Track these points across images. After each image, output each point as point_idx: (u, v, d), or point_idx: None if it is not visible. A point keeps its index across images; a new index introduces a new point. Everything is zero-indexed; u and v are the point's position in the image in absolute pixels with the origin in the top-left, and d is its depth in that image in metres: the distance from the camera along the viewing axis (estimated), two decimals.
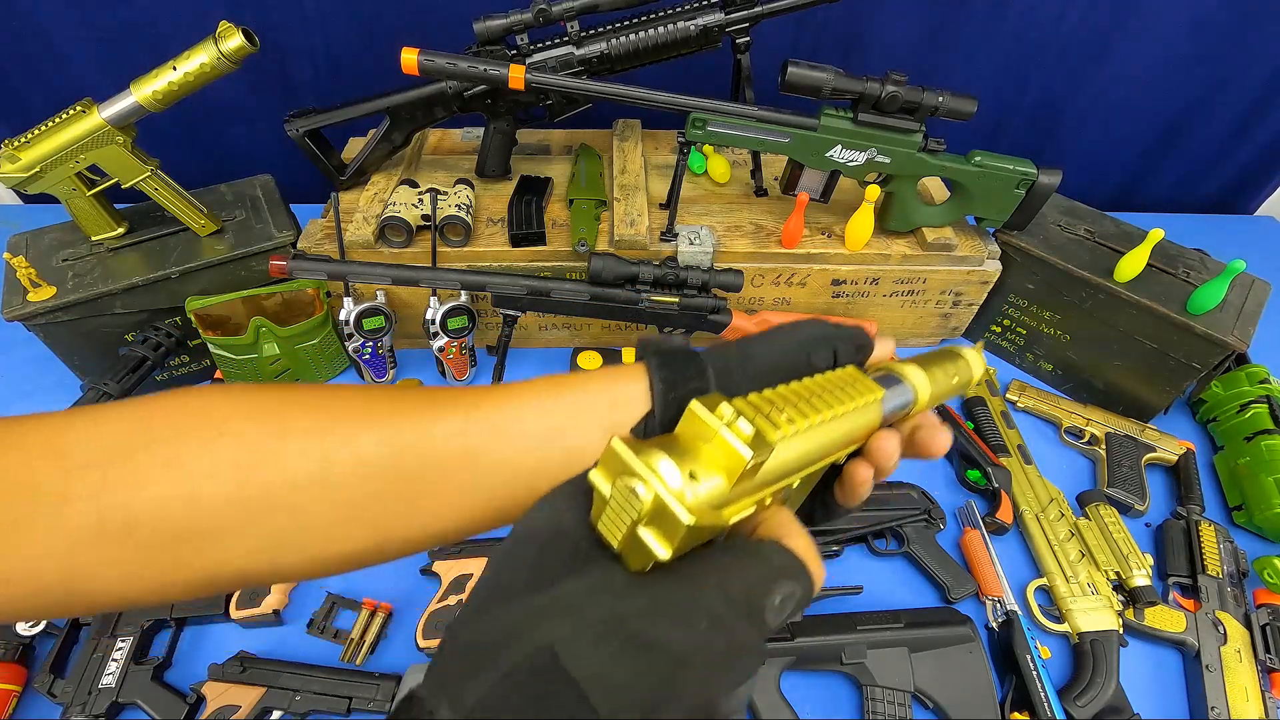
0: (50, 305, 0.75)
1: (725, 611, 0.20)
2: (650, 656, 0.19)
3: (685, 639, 0.19)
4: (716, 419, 0.22)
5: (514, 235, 0.83)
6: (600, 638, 0.19)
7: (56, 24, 0.97)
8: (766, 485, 0.24)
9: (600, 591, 0.20)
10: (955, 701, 0.63)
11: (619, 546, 0.21)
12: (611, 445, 0.21)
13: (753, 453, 0.21)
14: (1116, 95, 1.13)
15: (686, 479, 0.21)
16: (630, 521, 0.20)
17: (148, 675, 0.63)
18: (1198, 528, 0.76)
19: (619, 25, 0.82)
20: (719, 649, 0.20)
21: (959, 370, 0.38)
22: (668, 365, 0.31)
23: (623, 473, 0.20)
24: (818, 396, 0.27)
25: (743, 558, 0.22)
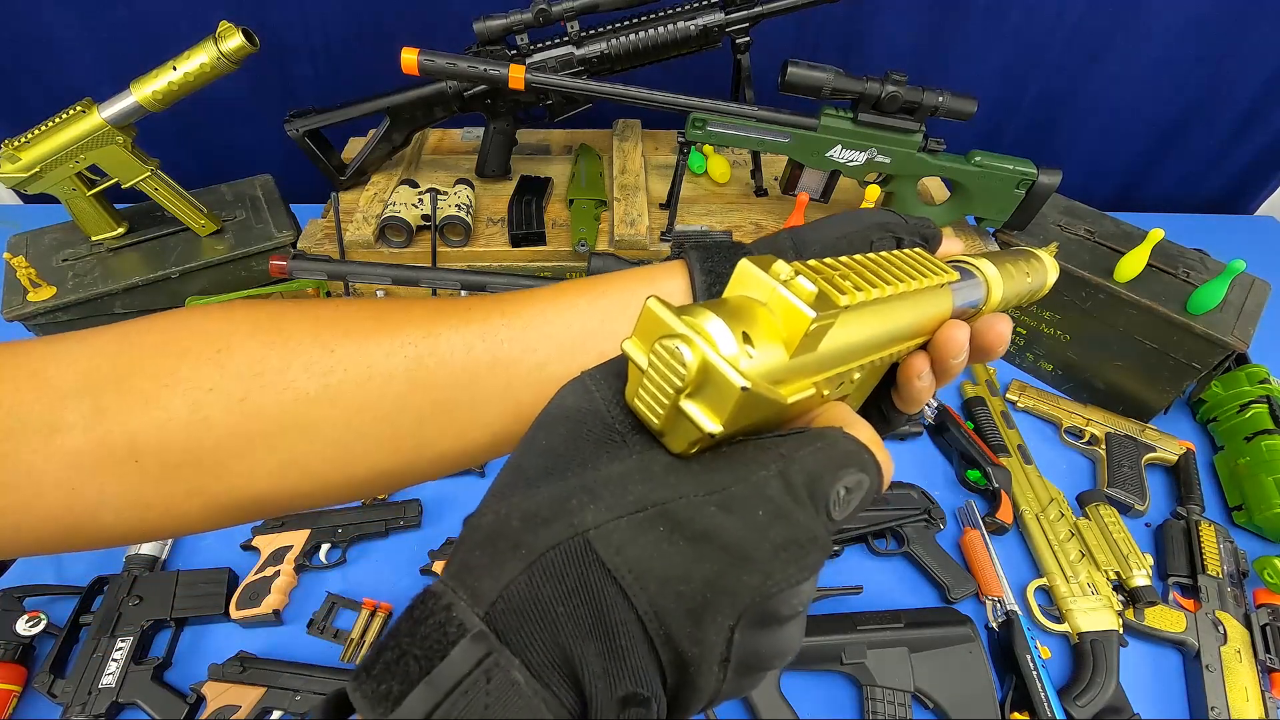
0: (50, 305, 0.75)
1: (786, 499, 0.18)
2: (699, 547, 0.16)
3: (740, 528, 0.17)
4: (772, 276, 0.18)
5: (514, 235, 0.83)
6: (640, 525, 0.17)
7: (56, 24, 0.97)
8: (827, 368, 0.21)
9: (640, 474, 0.18)
10: (955, 701, 0.63)
11: (660, 424, 0.18)
12: (648, 305, 0.18)
13: (816, 312, 0.18)
14: (1116, 95, 1.13)
15: (740, 341, 0.17)
16: (674, 391, 0.17)
17: (148, 675, 0.63)
18: (1198, 528, 0.76)
19: (619, 25, 0.82)
20: (778, 540, 0.17)
21: (1033, 270, 0.34)
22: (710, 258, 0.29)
23: (663, 336, 0.17)
24: (886, 270, 0.23)
25: (805, 442, 0.19)
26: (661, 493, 0.17)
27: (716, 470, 0.18)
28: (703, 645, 0.16)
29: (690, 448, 0.18)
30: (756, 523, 0.17)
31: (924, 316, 0.26)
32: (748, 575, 0.16)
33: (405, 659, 0.15)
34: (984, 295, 0.30)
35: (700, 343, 0.17)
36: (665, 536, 0.17)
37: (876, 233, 0.30)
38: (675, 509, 0.17)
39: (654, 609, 0.16)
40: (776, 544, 0.17)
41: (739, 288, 0.19)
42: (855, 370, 0.23)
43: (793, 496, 0.18)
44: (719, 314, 0.17)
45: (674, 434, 0.18)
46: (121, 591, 0.67)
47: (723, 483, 0.18)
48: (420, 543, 0.75)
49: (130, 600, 0.67)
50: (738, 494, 0.17)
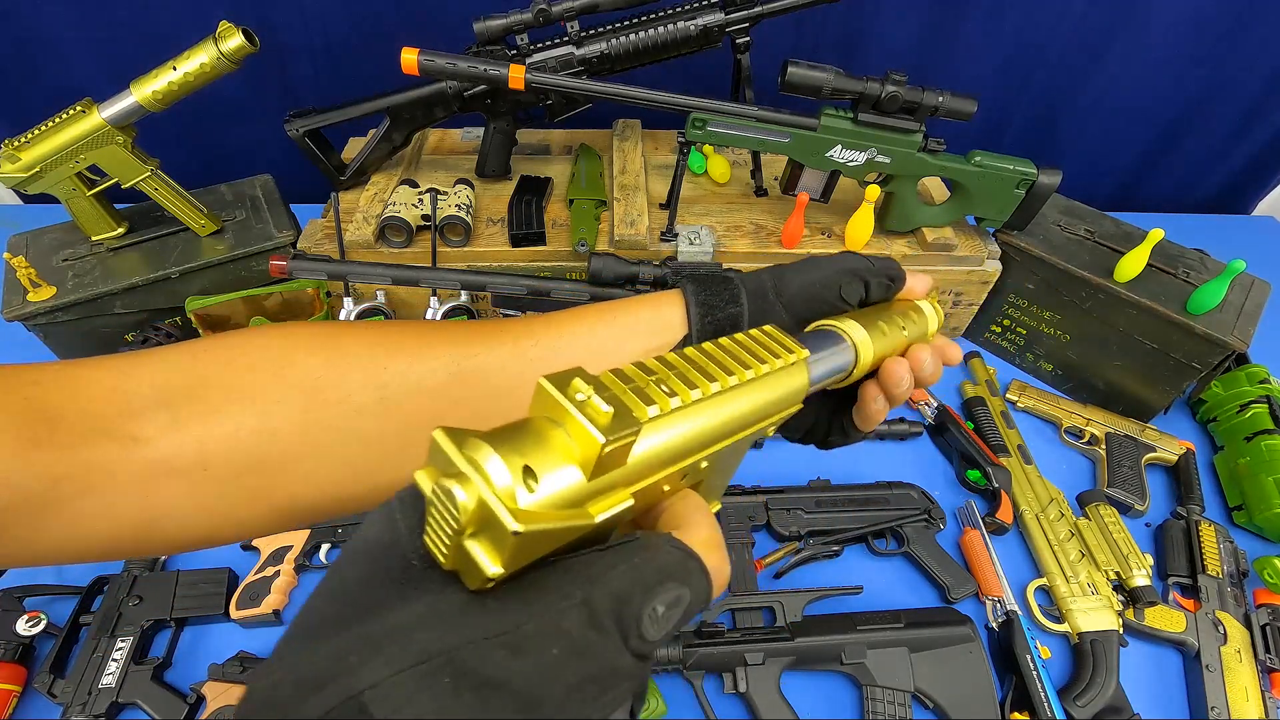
0: (50, 305, 0.75)
1: (585, 631, 0.17)
2: (487, 698, 0.15)
3: (530, 671, 0.16)
4: (566, 398, 0.18)
5: (514, 235, 0.83)
6: (422, 679, 0.15)
7: (56, 24, 0.97)
8: (645, 475, 0.20)
9: (431, 619, 0.17)
10: (955, 701, 0.63)
11: (448, 563, 0.17)
12: (433, 437, 0.17)
13: (606, 438, 0.17)
14: (1116, 95, 1.13)
15: (519, 476, 0.17)
16: (453, 531, 0.16)
17: (148, 675, 0.63)
18: (1198, 528, 0.76)
19: (619, 25, 0.82)
20: (573, 680, 0.16)
21: (910, 324, 0.35)
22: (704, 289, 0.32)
23: (443, 474, 0.17)
24: (721, 364, 0.23)
25: (621, 559, 0.18)
26: (448, 639, 0.16)
27: (511, 608, 0.17)
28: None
29: (485, 584, 0.17)
30: (550, 663, 0.16)
31: (776, 396, 0.26)
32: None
33: None
34: (852, 359, 0.32)
35: (478, 481, 0.16)
36: (449, 690, 0.15)
37: (845, 278, 0.33)
38: (462, 656, 0.16)
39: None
40: (571, 684, 0.16)
41: (539, 409, 0.19)
42: (700, 461, 0.23)
43: (594, 627, 0.17)
44: (501, 446, 0.17)
45: (465, 573, 0.17)
46: (121, 591, 0.67)
47: (516, 621, 0.17)
48: None
49: (130, 600, 0.67)
50: (530, 632, 0.16)
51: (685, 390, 0.21)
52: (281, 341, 0.29)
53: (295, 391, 0.27)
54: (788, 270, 0.33)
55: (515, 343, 0.31)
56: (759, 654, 0.64)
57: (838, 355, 0.31)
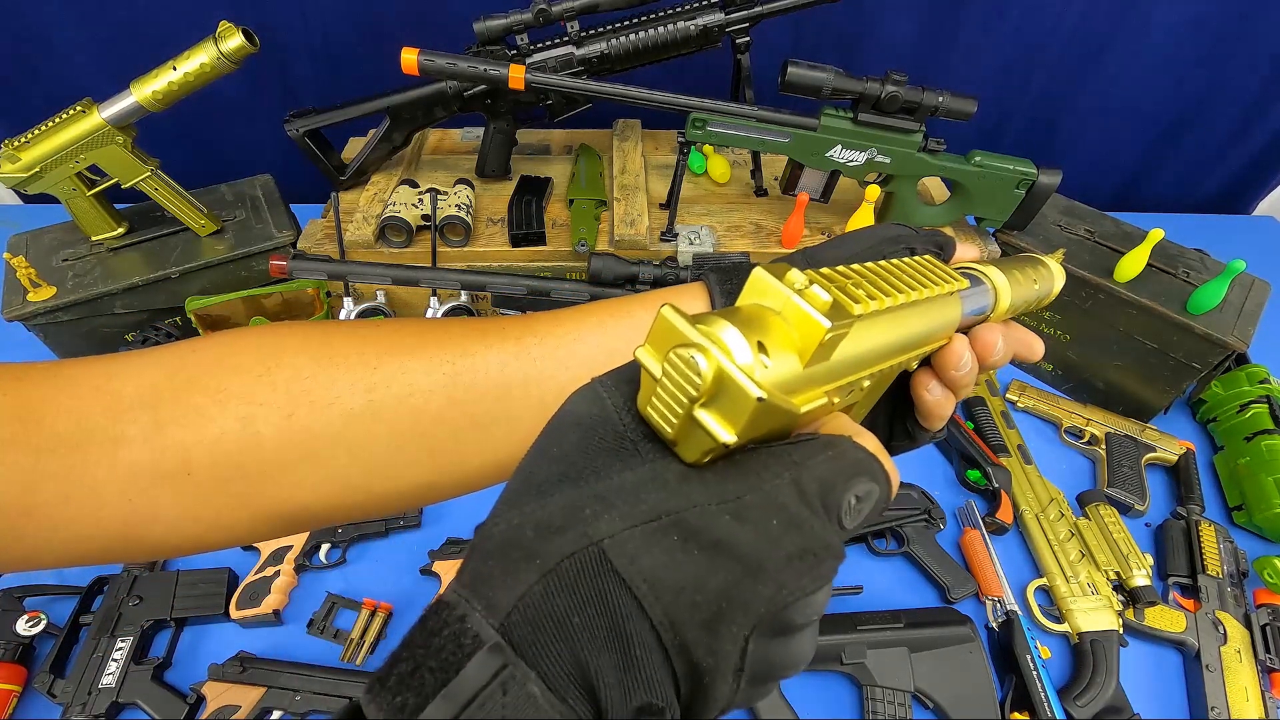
0: (50, 305, 0.75)
1: (799, 507, 0.18)
2: (713, 557, 0.16)
3: (754, 538, 0.17)
4: (787, 285, 0.18)
5: (514, 235, 0.83)
6: (654, 534, 0.16)
7: (56, 24, 0.97)
8: (839, 376, 0.21)
9: (653, 483, 0.18)
10: (955, 701, 0.63)
11: (674, 433, 0.18)
12: (662, 314, 0.17)
13: (831, 322, 0.18)
14: (1116, 95, 1.13)
15: (755, 350, 0.17)
16: (688, 400, 0.17)
17: (148, 675, 0.63)
18: (1198, 528, 0.76)
19: (619, 25, 0.82)
20: (792, 550, 0.17)
21: (1040, 277, 0.34)
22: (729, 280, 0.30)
23: (678, 345, 0.17)
24: (898, 278, 0.23)
25: (816, 450, 0.19)
26: (675, 501, 0.17)
27: (730, 479, 0.18)
28: (717, 655, 0.16)
29: (703, 457, 0.18)
30: (770, 532, 0.17)
31: (935, 324, 0.26)
32: (762, 585, 0.16)
33: (420, 671, 0.15)
34: (992, 302, 0.30)
35: (716, 352, 0.16)
36: (679, 546, 0.16)
37: (889, 246, 0.30)
38: (689, 518, 0.17)
39: (669, 619, 0.16)
40: (790, 553, 0.17)
41: (753, 296, 0.19)
42: (865, 379, 0.23)
43: (806, 505, 0.18)
44: (734, 323, 0.17)
45: (687, 443, 0.18)
46: (121, 591, 0.67)
47: (736, 491, 0.17)
48: (420, 543, 0.75)
49: (130, 600, 0.67)
50: (751, 503, 0.17)
51: (881, 296, 0.21)
52: (271, 342, 0.28)
53: (281, 394, 0.26)
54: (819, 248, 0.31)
55: (518, 340, 0.29)
56: None
57: (981, 295, 0.30)
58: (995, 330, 0.30)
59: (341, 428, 0.27)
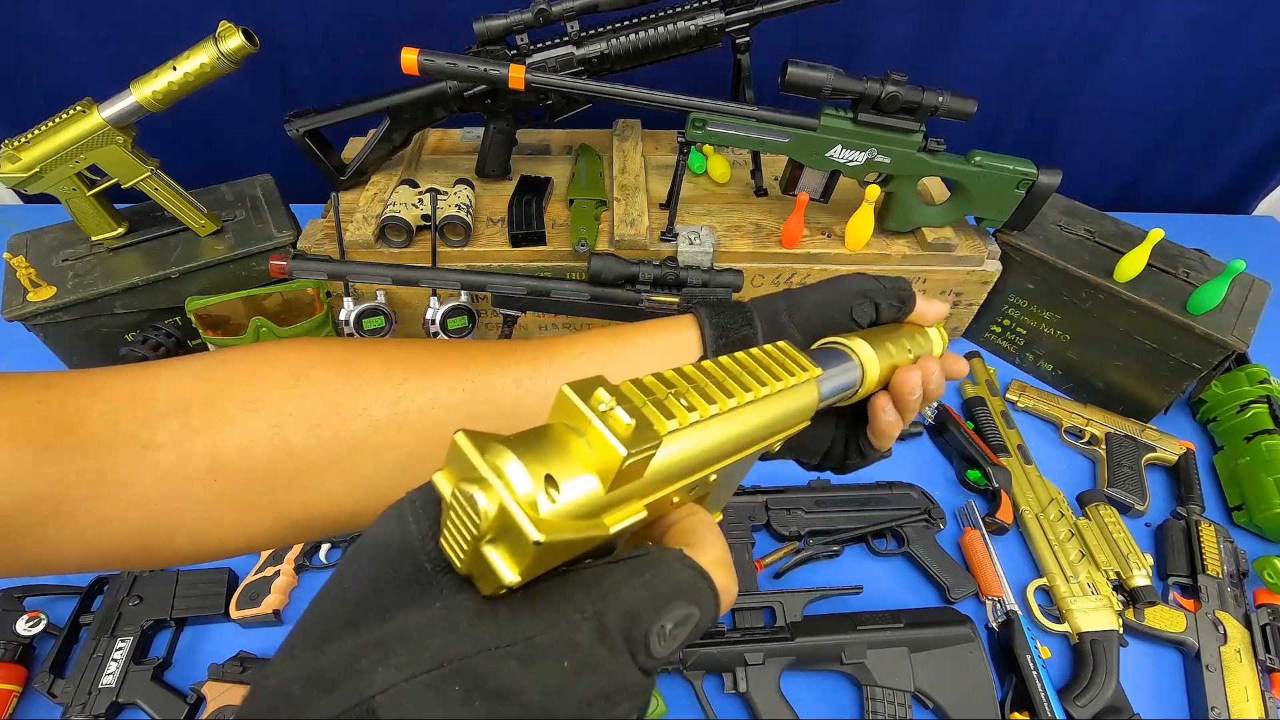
0: (50, 305, 0.75)
1: (596, 646, 0.17)
2: (497, 708, 0.15)
3: (542, 683, 0.16)
4: (589, 407, 0.18)
5: (514, 235, 0.83)
6: (433, 686, 0.15)
7: (56, 24, 0.97)
8: (668, 483, 0.21)
9: (442, 625, 0.16)
10: (955, 701, 0.63)
11: (463, 568, 0.17)
12: (455, 440, 0.17)
13: (628, 450, 0.17)
14: (1116, 95, 1.13)
15: (541, 484, 0.17)
16: (471, 537, 0.16)
17: (148, 675, 0.63)
18: (1198, 528, 0.76)
19: (619, 25, 0.82)
20: (585, 695, 0.16)
21: (916, 345, 0.36)
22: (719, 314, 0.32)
23: (465, 476, 0.17)
24: (737, 378, 0.24)
25: (632, 574, 0.18)
26: (461, 646, 0.16)
27: (525, 616, 0.17)
28: None
29: (499, 590, 0.17)
30: (561, 677, 0.16)
31: (787, 411, 0.26)
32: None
33: None
34: (858, 378, 0.32)
35: (499, 487, 0.16)
36: (460, 697, 0.15)
37: (856, 299, 0.34)
38: (474, 665, 0.16)
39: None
40: (582, 698, 0.16)
41: (559, 415, 0.19)
42: (711, 474, 0.23)
43: (605, 643, 0.17)
44: (523, 454, 0.17)
45: (480, 578, 0.17)
46: (121, 591, 0.67)
47: (529, 631, 0.17)
48: None
49: (130, 600, 0.67)
50: (542, 644, 0.16)
51: (704, 405, 0.21)
52: (299, 356, 0.29)
53: (310, 405, 0.27)
54: (800, 292, 0.34)
55: (532, 362, 0.31)
56: (759, 654, 0.64)
57: (845, 373, 0.32)
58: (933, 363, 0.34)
59: (367, 437, 0.28)
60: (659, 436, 0.18)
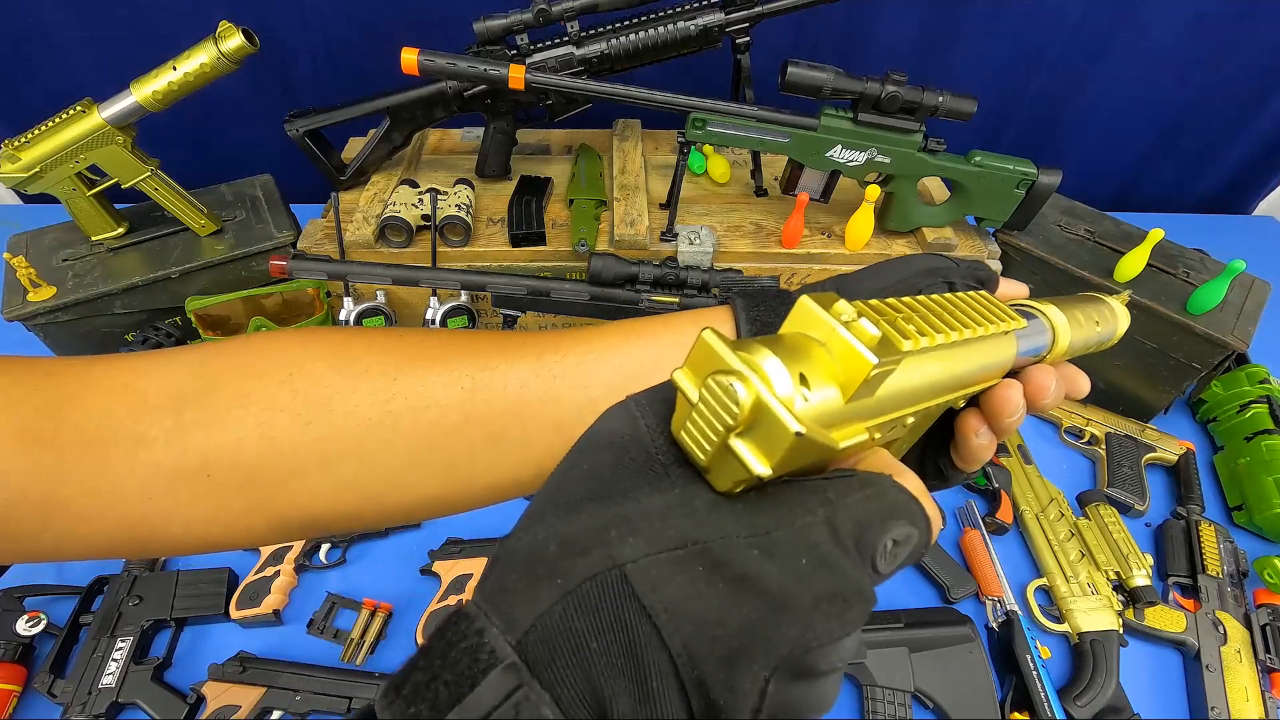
0: (50, 305, 0.75)
1: (831, 547, 0.17)
2: (738, 591, 0.16)
3: (781, 575, 0.16)
4: (833, 316, 0.18)
5: (514, 235, 0.83)
6: (679, 563, 0.16)
7: (56, 24, 0.97)
8: (882, 412, 0.20)
9: (681, 509, 0.17)
10: (955, 701, 0.63)
11: (706, 460, 0.17)
12: (703, 338, 0.17)
13: (878, 358, 0.17)
14: (1116, 95, 1.13)
15: (797, 382, 0.17)
16: (724, 429, 0.16)
17: (148, 675, 0.63)
18: (1198, 528, 0.76)
19: (619, 25, 0.82)
20: (821, 591, 0.16)
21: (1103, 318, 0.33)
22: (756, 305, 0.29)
23: (717, 371, 0.16)
24: (950, 314, 0.22)
25: (854, 488, 0.18)
26: (703, 531, 0.17)
27: (761, 512, 0.17)
28: (735, 694, 0.15)
29: (735, 487, 0.17)
30: (799, 570, 0.16)
31: (986, 363, 0.25)
32: (786, 625, 0.16)
33: (435, 684, 0.15)
34: (1049, 343, 0.29)
35: (756, 381, 0.16)
36: (704, 577, 0.16)
37: (925, 279, 0.29)
38: (716, 549, 0.16)
39: (688, 652, 0.15)
40: (819, 595, 0.16)
41: (798, 325, 0.19)
42: (910, 416, 0.22)
43: (839, 545, 0.17)
44: (776, 352, 0.17)
45: (719, 471, 0.17)
46: (121, 591, 0.67)
47: (766, 525, 0.17)
48: (420, 542, 0.75)
49: (130, 600, 0.67)
50: (782, 539, 0.17)
51: (932, 332, 0.20)
52: (294, 348, 0.28)
53: (300, 401, 0.26)
54: (853, 277, 0.30)
55: (539, 358, 0.29)
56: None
57: (1038, 334, 0.28)
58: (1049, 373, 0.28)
59: (358, 437, 0.27)
60: (900, 352, 0.18)
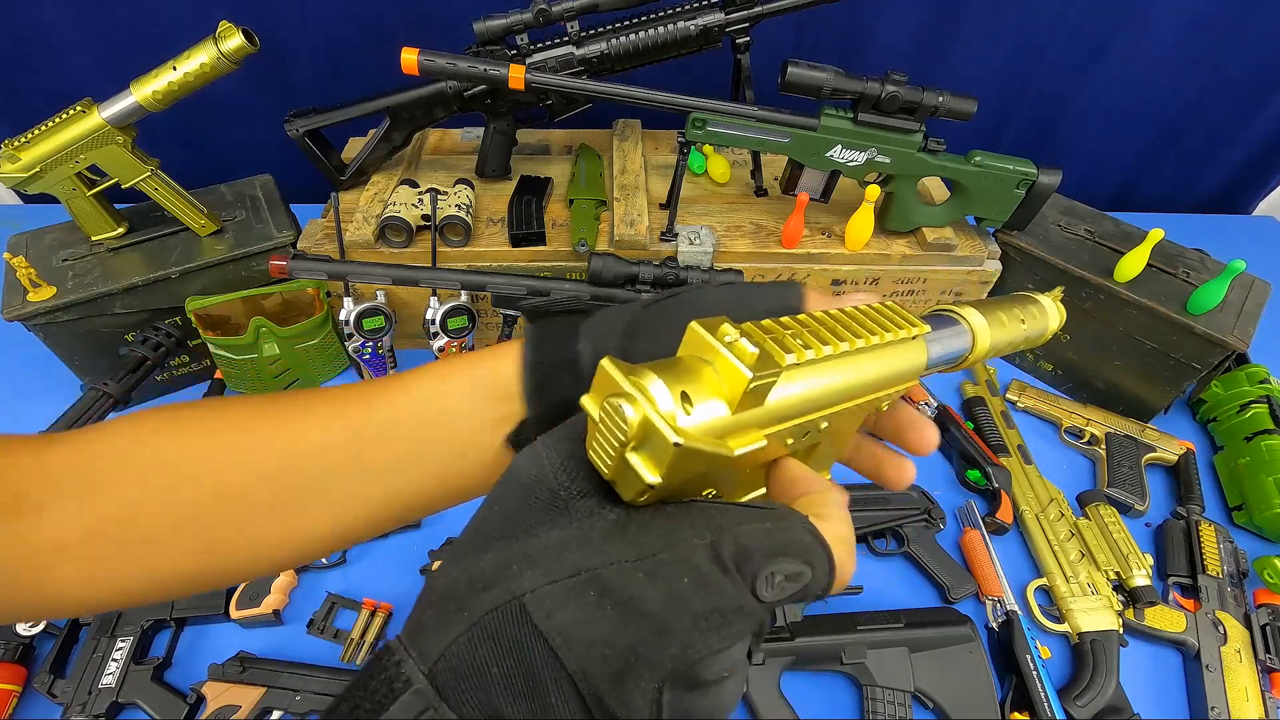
0: (50, 305, 0.75)
1: (712, 569, 0.19)
2: (624, 613, 0.18)
3: (662, 596, 0.18)
4: (717, 339, 0.20)
5: (514, 235, 0.83)
6: (571, 590, 0.18)
7: (56, 24, 0.97)
8: (782, 419, 0.23)
9: (577, 542, 0.19)
10: (955, 701, 0.63)
11: (611, 474, 0.20)
12: (602, 365, 0.20)
13: (753, 374, 0.19)
14: (1116, 95, 1.13)
15: (678, 400, 0.19)
16: (619, 444, 0.19)
17: (148, 675, 0.63)
18: (1198, 528, 0.76)
19: (619, 25, 0.82)
20: (700, 609, 0.18)
21: (1030, 316, 0.34)
22: (544, 345, 0.29)
23: (612, 394, 0.19)
24: (847, 327, 0.25)
25: (754, 518, 0.20)
26: (594, 559, 0.19)
27: (650, 536, 0.19)
28: (629, 706, 0.17)
29: (639, 496, 0.20)
30: (679, 591, 0.18)
31: (894, 368, 0.27)
32: (667, 643, 0.17)
33: (357, 710, 0.18)
34: (968, 344, 0.31)
35: (642, 401, 0.18)
36: (594, 602, 0.18)
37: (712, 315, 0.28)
38: (605, 575, 0.18)
39: (582, 670, 0.17)
40: (698, 612, 0.18)
41: (690, 349, 0.21)
42: (820, 420, 0.25)
43: (719, 566, 0.19)
44: (662, 375, 0.19)
45: (623, 483, 0.20)
46: None
47: (653, 548, 0.19)
48: (420, 542, 0.75)
49: None
50: (664, 561, 0.19)
51: (818, 345, 0.23)
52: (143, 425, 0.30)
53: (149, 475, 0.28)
54: (648, 314, 0.29)
55: (347, 420, 0.29)
56: (759, 654, 0.64)
57: (955, 337, 0.30)
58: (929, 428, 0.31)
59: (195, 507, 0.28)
60: (779, 365, 0.20)
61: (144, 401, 0.88)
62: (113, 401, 0.77)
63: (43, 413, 0.74)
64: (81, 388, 0.79)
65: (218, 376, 0.88)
